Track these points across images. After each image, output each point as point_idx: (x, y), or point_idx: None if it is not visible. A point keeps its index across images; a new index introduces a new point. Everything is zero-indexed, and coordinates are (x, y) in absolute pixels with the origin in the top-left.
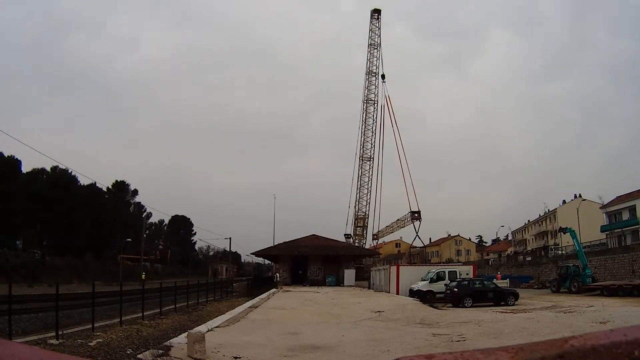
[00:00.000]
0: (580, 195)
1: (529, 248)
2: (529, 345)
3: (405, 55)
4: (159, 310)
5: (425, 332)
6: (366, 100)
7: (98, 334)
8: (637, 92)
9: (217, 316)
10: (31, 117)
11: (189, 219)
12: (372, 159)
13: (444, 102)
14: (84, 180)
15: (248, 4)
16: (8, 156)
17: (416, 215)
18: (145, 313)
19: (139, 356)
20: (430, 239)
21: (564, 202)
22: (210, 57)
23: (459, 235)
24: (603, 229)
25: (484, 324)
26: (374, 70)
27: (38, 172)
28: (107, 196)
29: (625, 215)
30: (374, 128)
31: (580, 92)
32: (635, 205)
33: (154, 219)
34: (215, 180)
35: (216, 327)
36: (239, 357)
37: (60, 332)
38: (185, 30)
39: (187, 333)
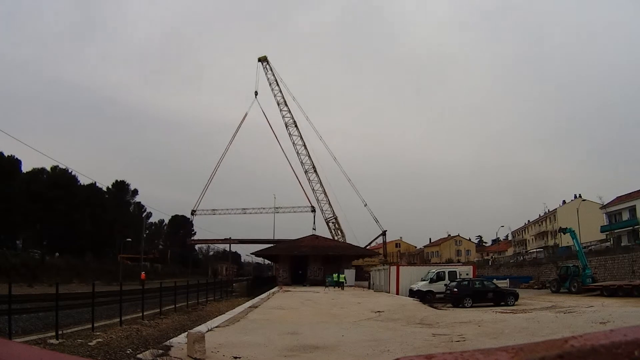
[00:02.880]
0: (580, 196)
1: (529, 248)
2: (529, 345)
3: None
4: (158, 310)
5: (425, 332)
6: (286, 125)
7: (98, 333)
8: None
9: (217, 316)
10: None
11: (189, 219)
12: (314, 168)
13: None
14: (84, 180)
15: None
16: (8, 156)
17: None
18: (145, 313)
19: (139, 356)
20: (430, 239)
21: (564, 202)
22: None
23: (459, 235)
24: (603, 229)
25: (484, 324)
26: (280, 101)
27: (38, 172)
28: (107, 196)
29: (625, 216)
30: (303, 142)
31: None
32: (635, 205)
33: (154, 219)
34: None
35: (216, 327)
36: (239, 357)
37: (60, 332)
38: None
39: (187, 333)
